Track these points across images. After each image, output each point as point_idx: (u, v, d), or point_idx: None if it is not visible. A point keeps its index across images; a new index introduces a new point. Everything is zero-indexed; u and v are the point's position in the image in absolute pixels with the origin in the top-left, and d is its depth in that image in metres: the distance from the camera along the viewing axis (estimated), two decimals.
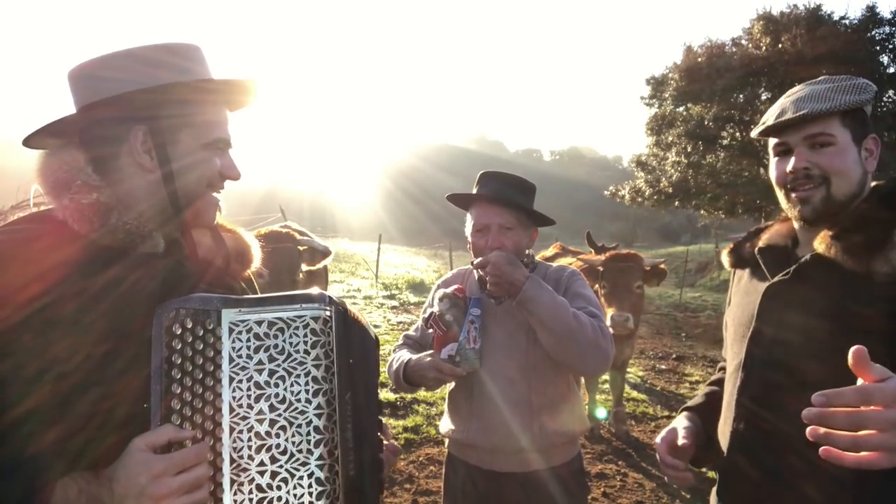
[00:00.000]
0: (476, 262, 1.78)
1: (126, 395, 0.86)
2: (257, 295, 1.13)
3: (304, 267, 3.68)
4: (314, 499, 0.91)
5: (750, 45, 16.29)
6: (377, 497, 1.11)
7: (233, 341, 0.92)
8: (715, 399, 1.44)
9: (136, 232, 0.96)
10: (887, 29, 14.75)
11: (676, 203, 18.17)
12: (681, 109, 17.43)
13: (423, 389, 1.95)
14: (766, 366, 1.23)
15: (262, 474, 0.90)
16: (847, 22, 15.16)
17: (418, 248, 30.61)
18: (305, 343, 0.95)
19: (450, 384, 1.89)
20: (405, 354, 1.85)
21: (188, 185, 1.01)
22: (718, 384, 1.52)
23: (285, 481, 0.91)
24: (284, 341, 0.94)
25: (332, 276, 13.22)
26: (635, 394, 5.98)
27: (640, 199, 18.40)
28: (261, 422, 0.91)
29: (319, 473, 0.92)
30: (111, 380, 0.86)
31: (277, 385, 0.93)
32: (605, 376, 5.48)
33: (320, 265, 3.85)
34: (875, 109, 13.59)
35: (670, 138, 17.23)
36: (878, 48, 14.85)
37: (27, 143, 1.00)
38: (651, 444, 4.60)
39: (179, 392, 0.87)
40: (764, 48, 15.54)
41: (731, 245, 1.49)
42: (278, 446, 0.91)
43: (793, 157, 1.23)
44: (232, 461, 0.89)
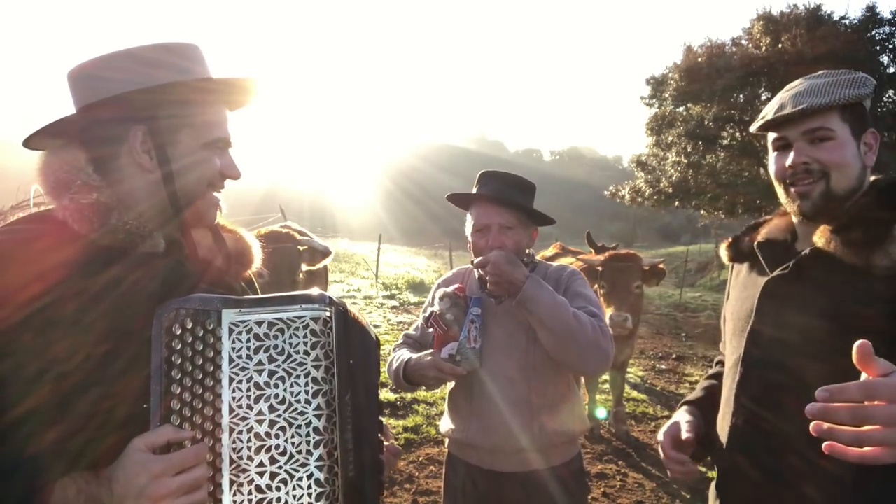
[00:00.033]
0: (476, 262, 1.78)
1: (126, 396, 0.86)
2: (257, 295, 1.13)
3: (304, 267, 3.68)
4: (313, 500, 0.91)
5: (750, 45, 16.26)
6: (377, 498, 1.11)
7: (233, 342, 0.92)
8: (714, 393, 1.43)
9: (137, 232, 0.96)
10: (887, 29, 14.72)
11: (676, 203, 18.14)
12: (681, 109, 17.40)
13: (423, 389, 1.95)
14: (766, 366, 1.23)
15: (262, 475, 0.90)
16: (847, 22, 15.14)
17: (418, 248, 30.59)
18: (305, 344, 0.95)
19: (450, 384, 1.89)
20: (405, 353, 1.85)
21: (188, 185, 1.01)
22: (716, 378, 1.51)
23: (284, 482, 0.91)
24: (284, 342, 0.94)
25: (332, 276, 13.22)
26: (635, 394, 5.98)
27: (640, 199, 18.38)
28: (260, 422, 0.91)
29: (319, 474, 0.92)
30: (111, 380, 0.86)
31: (277, 386, 0.93)
32: (605, 376, 5.48)
33: (320, 265, 3.85)
34: (875, 109, 13.60)
35: (670, 138, 17.20)
36: (878, 48, 14.83)
37: (27, 144, 1.00)
38: (651, 445, 4.60)
39: (179, 392, 0.87)
40: (764, 48, 15.52)
41: (730, 239, 1.47)
42: (278, 447, 0.91)
43: (792, 152, 1.22)
44: (231, 462, 0.89)
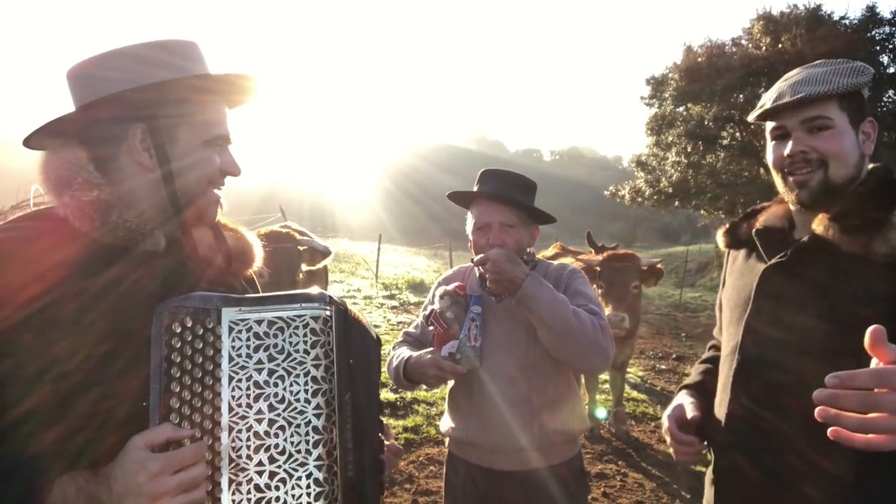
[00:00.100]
0: (476, 259, 1.78)
1: (126, 395, 0.86)
2: (257, 294, 1.13)
3: (304, 267, 3.68)
4: (312, 499, 0.91)
5: (750, 45, 16.26)
6: (377, 498, 1.10)
7: (232, 340, 0.92)
8: (711, 378, 1.43)
9: (137, 230, 0.96)
10: (887, 29, 14.72)
11: (676, 203, 18.15)
12: (681, 109, 17.40)
13: (424, 388, 1.95)
14: (765, 365, 1.23)
15: (261, 474, 0.90)
16: (847, 22, 15.13)
17: (418, 248, 30.58)
18: (305, 343, 0.95)
19: (450, 383, 1.89)
20: (405, 352, 1.84)
21: (188, 183, 1.01)
22: (711, 362, 1.50)
23: (283, 481, 0.90)
24: (284, 341, 0.94)
25: (332, 276, 13.21)
26: (635, 394, 5.98)
27: (640, 199, 18.38)
28: (260, 421, 0.91)
29: (318, 474, 0.92)
30: (111, 379, 0.86)
31: (277, 385, 0.93)
32: (605, 376, 5.48)
33: (320, 265, 3.85)
34: (875, 109, 13.59)
35: (670, 138, 17.19)
36: (878, 48, 14.82)
37: (27, 143, 1.00)
38: (651, 444, 4.60)
39: (179, 391, 0.87)
40: (764, 48, 15.52)
41: (728, 225, 1.46)
42: (277, 446, 0.91)
43: (790, 141, 1.21)
44: (230, 461, 0.89)
